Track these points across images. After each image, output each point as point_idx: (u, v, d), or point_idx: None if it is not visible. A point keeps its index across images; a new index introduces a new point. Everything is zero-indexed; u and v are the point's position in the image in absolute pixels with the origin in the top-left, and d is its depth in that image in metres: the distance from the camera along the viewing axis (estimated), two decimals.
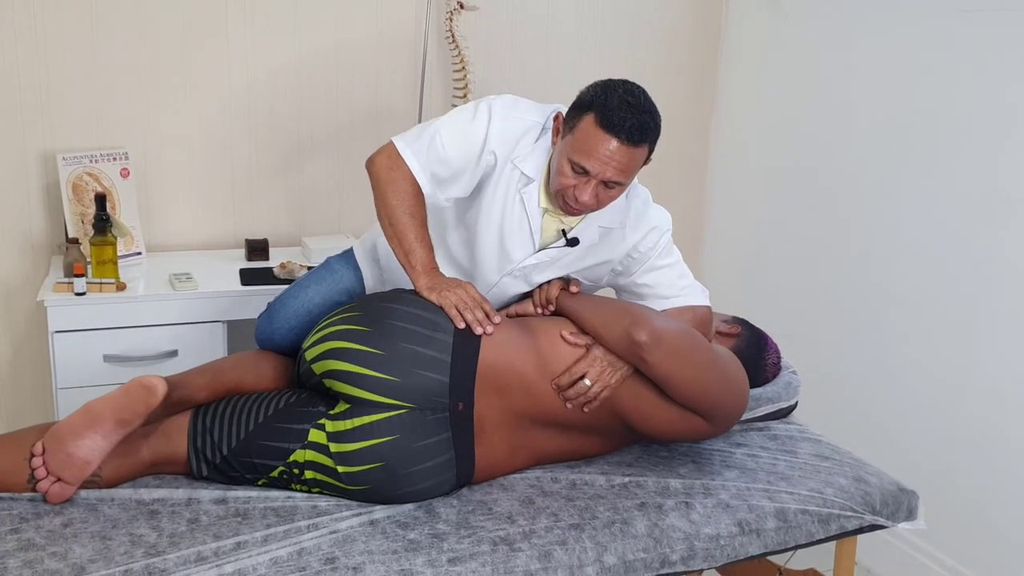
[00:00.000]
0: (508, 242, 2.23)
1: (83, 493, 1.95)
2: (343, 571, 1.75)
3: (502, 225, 2.21)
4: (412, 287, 2.15)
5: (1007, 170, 2.65)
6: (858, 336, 3.15)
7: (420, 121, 3.22)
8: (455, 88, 3.21)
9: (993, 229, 2.70)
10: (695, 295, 2.34)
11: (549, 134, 2.19)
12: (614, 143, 2.03)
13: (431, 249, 2.15)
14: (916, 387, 2.95)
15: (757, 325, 2.47)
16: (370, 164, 2.19)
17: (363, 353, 2.00)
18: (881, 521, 2.17)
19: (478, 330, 2.05)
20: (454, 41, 3.14)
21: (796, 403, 2.52)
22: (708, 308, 2.35)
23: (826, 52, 3.23)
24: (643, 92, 2.09)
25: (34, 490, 1.93)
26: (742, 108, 3.63)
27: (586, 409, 2.07)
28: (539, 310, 2.29)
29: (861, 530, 2.17)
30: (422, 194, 2.16)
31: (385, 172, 2.15)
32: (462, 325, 2.04)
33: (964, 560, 2.84)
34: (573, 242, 2.23)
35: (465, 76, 3.18)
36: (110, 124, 2.96)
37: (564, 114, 2.14)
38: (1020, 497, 2.67)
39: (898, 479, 2.26)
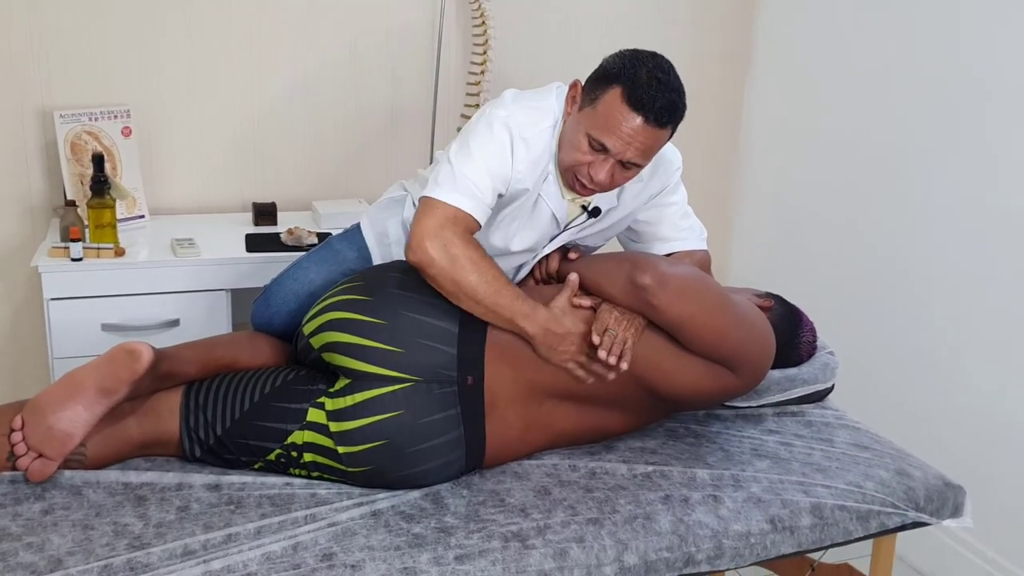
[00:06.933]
0: (531, 236, 2.12)
1: (67, 474, 1.83)
2: (340, 569, 1.62)
3: (523, 224, 2.10)
4: None
5: None
6: (898, 317, 2.99)
7: (437, 78, 3.07)
8: (474, 44, 3.05)
9: None
10: (694, 238, 2.25)
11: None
12: (639, 121, 1.89)
13: (525, 298, 1.93)
14: (958, 372, 2.79)
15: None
16: (417, 253, 1.89)
17: (364, 323, 1.89)
18: (925, 518, 2.02)
19: (611, 376, 1.93)
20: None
21: (832, 386, 2.39)
22: (706, 252, 2.27)
23: (869, 12, 3.04)
24: (672, 68, 1.95)
25: (15, 468, 1.81)
26: (778, 71, 3.45)
27: (624, 365, 1.91)
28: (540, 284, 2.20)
29: (903, 528, 2.02)
30: (480, 247, 1.93)
31: (441, 254, 1.87)
32: (590, 380, 1.95)
33: (1006, 553, 2.69)
34: (595, 212, 2.10)
35: (485, 32, 3.02)
36: (111, 80, 2.82)
37: (582, 83, 1.99)
38: None
39: (942, 471, 2.11)
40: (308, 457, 1.86)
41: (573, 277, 2.02)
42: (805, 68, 3.34)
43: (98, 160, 2.57)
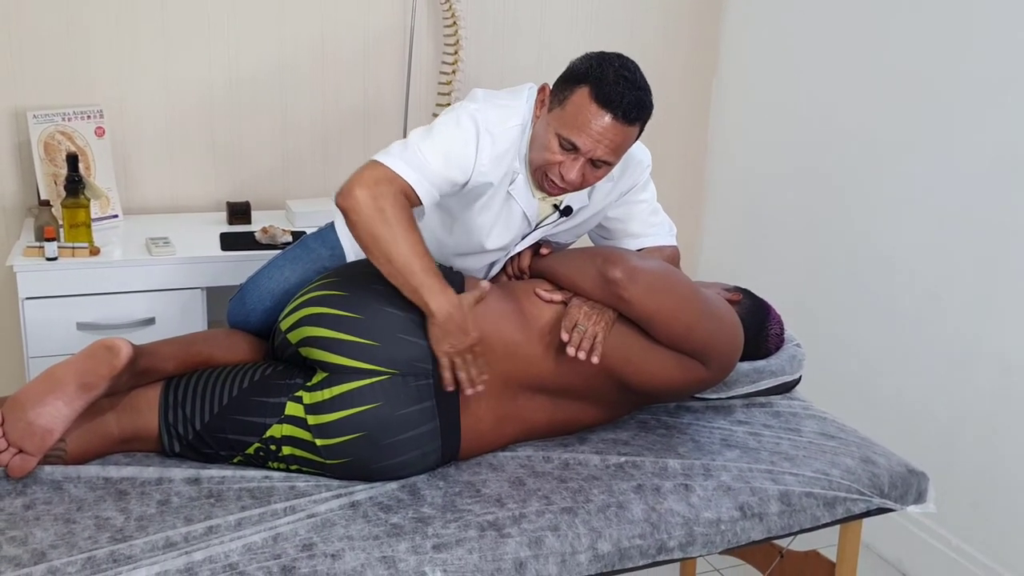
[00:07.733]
0: (504, 235, 2.14)
1: (48, 470, 1.84)
2: (321, 559, 1.65)
3: (495, 222, 2.12)
4: None
5: (1020, 134, 2.53)
6: (862, 311, 3.05)
7: (408, 78, 3.09)
8: (446, 45, 3.08)
9: (1005, 195, 2.58)
10: (663, 234, 2.29)
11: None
12: (608, 119, 1.92)
13: (439, 276, 1.90)
14: (923, 360, 2.85)
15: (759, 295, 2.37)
16: (346, 198, 1.88)
17: (340, 318, 1.91)
18: (889, 504, 2.07)
19: (468, 391, 1.90)
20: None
21: (800, 377, 2.42)
22: (676, 248, 2.31)
23: (833, 9, 3.09)
24: (638, 68, 1.99)
25: None
26: (745, 69, 3.50)
27: (594, 359, 1.93)
28: (513, 280, 2.23)
29: (868, 513, 2.07)
30: (411, 212, 1.92)
31: (369, 203, 1.86)
32: (451, 387, 1.89)
33: (968, 539, 2.76)
34: (567, 211, 2.14)
35: (456, 32, 3.05)
36: (84, 80, 2.82)
37: (550, 86, 2.03)
38: None
39: (906, 459, 2.16)
40: (287, 450, 1.88)
41: (485, 284, 2.01)
42: (773, 63, 3.38)
43: (72, 160, 2.58)
